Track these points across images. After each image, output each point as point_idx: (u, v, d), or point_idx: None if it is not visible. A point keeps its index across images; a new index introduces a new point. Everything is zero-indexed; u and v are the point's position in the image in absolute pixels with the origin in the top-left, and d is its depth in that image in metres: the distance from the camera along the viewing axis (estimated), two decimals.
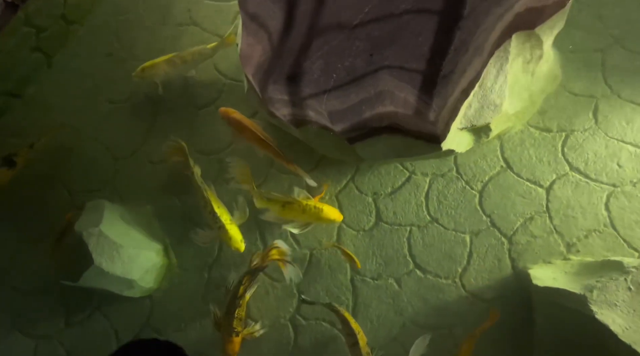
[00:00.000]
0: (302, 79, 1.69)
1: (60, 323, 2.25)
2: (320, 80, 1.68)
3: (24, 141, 2.53)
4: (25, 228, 2.38)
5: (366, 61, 1.62)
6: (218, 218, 2.09)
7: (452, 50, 1.52)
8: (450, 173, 2.32)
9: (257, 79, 1.78)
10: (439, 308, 2.16)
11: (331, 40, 1.65)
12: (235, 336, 2.03)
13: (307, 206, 2.13)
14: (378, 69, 1.61)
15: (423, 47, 1.56)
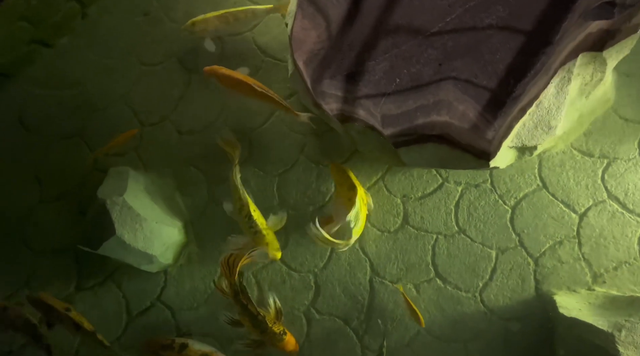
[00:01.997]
0: (362, 78, 1.61)
1: (71, 286, 2.22)
2: (381, 83, 1.60)
3: (46, 93, 2.45)
4: (46, 186, 2.32)
5: (434, 70, 1.54)
6: (254, 223, 1.98)
7: (531, 74, 1.44)
8: (484, 185, 2.27)
9: (311, 69, 1.70)
10: (455, 320, 2.13)
11: (401, 44, 1.56)
12: (283, 334, 1.97)
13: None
14: (443, 79, 1.53)
15: (498, 65, 1.47)
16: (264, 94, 2.10)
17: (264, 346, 2.02)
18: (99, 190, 2.04)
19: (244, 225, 2.01)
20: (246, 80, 2.12)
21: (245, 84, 2.11)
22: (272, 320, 1.98)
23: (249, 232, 2.00)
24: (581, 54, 1.78)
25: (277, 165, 2.38)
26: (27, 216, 2.29)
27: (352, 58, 1.63)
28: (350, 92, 1.66)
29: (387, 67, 1.59)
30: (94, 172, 2.36)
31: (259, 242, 1.99)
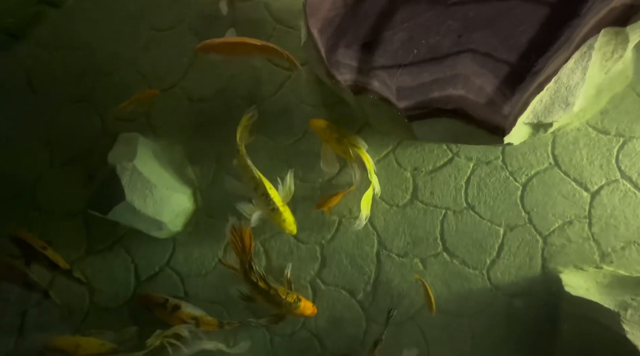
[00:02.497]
0: (378, 48, 1.57)
1: (81, 249, 2.25)
2: (398, 53, 1.56)
3: (54, 55, 2.42)
4: (56, 150, 2.32)
5: (453, 42, 1.50)
6: (272, 201, 1.98)
7: (554, 49, 1.40)
8: (496, 162, 2.24)
9: (325, 37, 1.66)
10: (461, 295, 2.15)
11: (420, 14, 1.51)
12: (298, 301, 2.02)
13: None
14: (461, 51, 1.49)
15: (520, 38, 1.43)
16: (264, 46, 2.08)
17: (284, 317, 2.07)
18: (109, 155, 2.03)
19: (261, 203, 2.01)
20: (242, 40, 2.09)
21: (243, 43, 2.08)
22: (285, 291, 2.01)
23: (266, 210, 2.01)
24: (604, 29, 1.73)
25: (287, 136, 2.36)
26: (37, 179, 2.29)
27: (369, 27, 1.59)
28: (365, 62, 1.62)
29: (404, 38, 1.55)
30: (103, 137, 2.36)
31: (276, 219, 2.01)
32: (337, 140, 2.09)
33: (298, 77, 2.40)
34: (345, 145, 2.07)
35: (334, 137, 2.10)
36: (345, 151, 2.08)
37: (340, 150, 2.11)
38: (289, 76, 2.41)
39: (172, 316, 2.04)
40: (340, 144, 2.10)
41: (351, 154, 2.08)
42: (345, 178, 2.27)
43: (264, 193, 1.99)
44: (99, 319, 2.20)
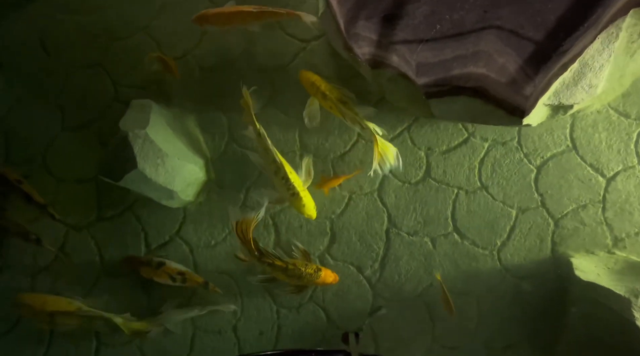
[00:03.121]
0: (400, 22, 1.53)
1: (92, 215, 2.26)
2: (419, 28, 1.51)
3: (68, 17, 2.38)
4: (68, 114, 2.31)
5: (478, 18, 1.45)
6: (292, 185, 1.95)
7: (584, 27, 1.35)
8: (511, 143, 2.21)
9: (345, 8, 1.61)
10: (469, 275, 2.15)
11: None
12: (318, 271, 2.04)
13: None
14: (486, 28, 1.45)
15: (548, 16, 1.38)
16: (260, 12, 2.05)
17: (306, 287, 2.09)
18: (121, 122, 2.01)
19: (281, 187, 1.98)
20: (237, 9, 2.05)
21: (238, 12, 2.05)
22: (303, 264, 2.02)
23: (286, 194, 1.98)
24: (632, 10, 1.67)
25: (300, 109, 2.31)
26: (50, 143, 2.29)
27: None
28: (385, 36, 1.58)
29: (427, 12, 1.50)
30: (115, 103, 2.34)
31: (296, 204, 1.98)
32: (323, 96, 2.05)
33: (313, 49, 2.35)
34: (331, 100, 2.02)
35: (321, 91, 2.05)
36: (332, 106, 2.05)
37: (326, 105, 2.07)
38: (304, 48, 2.36)
39: (158, 272, 2.07)
40: (325, 100, 2.06)
41: (339, 110, 2.04)
42: (357, 155, 2.24)
43: (284, 177, 1.96)
44: (110, 285, 2.23)
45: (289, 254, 2.14)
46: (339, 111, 2.03)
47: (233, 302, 2.20)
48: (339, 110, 2.02)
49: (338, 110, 2.03)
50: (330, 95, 2.02)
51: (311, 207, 2.00)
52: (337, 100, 2.02)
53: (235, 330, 2.21)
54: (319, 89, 2.04)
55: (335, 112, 2.06)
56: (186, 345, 2.23)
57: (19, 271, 2.28)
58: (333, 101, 2.01)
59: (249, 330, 2.20)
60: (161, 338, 2.20)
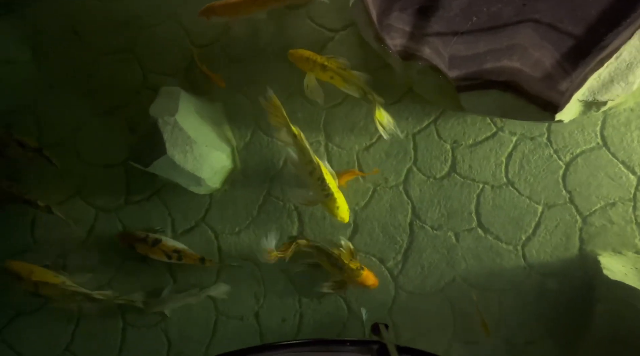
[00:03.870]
0: (435, 14, 1.51)
1: (120, 199, 2.29)
2: (455, 20, 1.50)
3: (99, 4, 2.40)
4: (98, 99, 2.34)
5: (515, 10, 1.43)
6: (327, 186, 1.93)
7: (626, 23, 1.31)
8: (540, 139, 2.17)
9: (378, 0, 1.60)
10: (492, 271, 2.14)
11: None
12: (361, 269, 2.05)
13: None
14: (522, 21, 1.42)
15: (590, 10, 1.35)
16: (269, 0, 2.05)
17: (346, 285, 2.09)
18: (151, 108, 2.04)
19: (316, 187, 1.97)
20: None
21: (243, 1, 2.05)
22: (348, 258, 2.04)
23: (320, 195, 1.97)
24: None
25: (326, 99, 2.31)
26: (80, 128, 2.32)
27: None
28: (419, 27, 1.56)
29: (464, 4, 1.48)
30: (143, 90, 2.36)
31: (329, 205, 1.97)
32: (322, 68, 2.03)
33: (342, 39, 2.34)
34: (330, 70, 2.01)
35: (318, 64, 2.03)
36: (333, 76, 2.03)
37: (327, 77, 2.05)
38: (332, 37, 2.34)
39: (154, 250, 2.11)
40: (325, 71, 2.03)
41: (339, 79, 2.03)
42: (383, 147, 2.24)
43: (319, 178, 1.94)
44: (135, 268, 2.27)
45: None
46: (340, 79, 2.01)
47: (256, 289, 2.23)
48: (341, 77, 2.00)
49: (339, 79, 2.01)
50: (329, 64, 2.01)
51: (344, 209, 2.00)
52: (337, 68, 2.01)
53: (257, 316, 2.24)
54: (316, 61, 2.03)
55: (336, 81, 2.03)
56: (209, 330, 2.26)
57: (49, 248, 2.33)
58: (334, 70, 2.00)
59: (271, 317, 2.23)
60: (184, 322, 2.25)
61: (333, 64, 2.03)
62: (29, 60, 2.34)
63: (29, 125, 2.32)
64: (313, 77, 2.07)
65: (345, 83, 2.02)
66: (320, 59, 2.04)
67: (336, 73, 2.01)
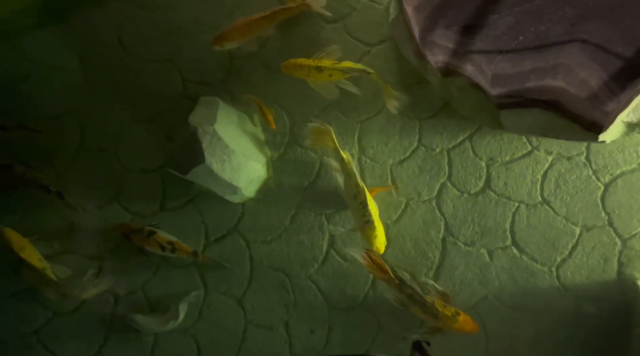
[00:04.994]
0: (480, 32, 1.52)
1: (155, 205, 2.34)
2: (501, 38, 1.50)
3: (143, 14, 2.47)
4: (138, 107, 2.40)
5: (564, 30, 1.42)
6: (368, 213, 1.91)
7: None
8: (578, 158, 2.14)
9: (422, 16, 1.61)
10: (526, 291, 2.11)
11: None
12: (457, 315, 1.94)
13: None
14: (570, 41, 1.41)
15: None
16: (276, 13, 2.10)
17: (442, 330, 2.00)
18: (190, 117, 2.08)
19: (357, 212, 1.94)
20: (250, 19, 2.09)
21: (252, 21, 2.09)
22: (441, 304, 1.96)
23: (359, 220, 1.95)
24: None
25: (360, 112, 2.34)
26: (120, 133, 2.38)
27: (473, 9, 1.53)
28: (463, 45, 1.57)
29: (511, 23, 1.48)
30: (182, 99, 2.41)
31: (367, 232, 1.93)
32: (317, 70, 2.05)
33: (378, 53, 2.36)
34: (326, 69, 2.03)
35: (313, 67, 2.05)
36: (331, 74, 2.04)
37: (326, 77, 2.06)
38: (368, 51, 2.37)
39: (149, 241, 2.15)
40: (322, 72, 2.05)
41: (339, 73, 2.05)
42: (417, 162, 2.24)
43: (362, 202, 1.92)
44: (169, 274, 2.30)
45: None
46: (339, 73, 2.03)
47: (286, 300, 2.23)
48: (340, 71, 2.03)
49: (339, 73, 2.03)
50: (323, 64, 2.03)
51: (382, 239, 1.96)
52: (332, 64, 2.03)
53: (286, 326, 2.25)
54: (310, 66, 2.04)
55: (336, 76, 2.05)
56: (238, 338, 2.28)
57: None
58: (330, 68, 2.02)
59: (300, 327, 2.23)
60: (214, 329, 2.27)
61: (327, 63, 2.05)
62: (76, 67, 2.42)
63: (73, 130, 2.39)
64: (315, 80, 2.10)
65: (346, 74, 2.05)
66: (313, 62, 2.06)
67: (333, 69, 2.03)
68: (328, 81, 2.11)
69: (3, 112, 2.41)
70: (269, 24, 2.17)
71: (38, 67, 2.44)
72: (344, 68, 2.05)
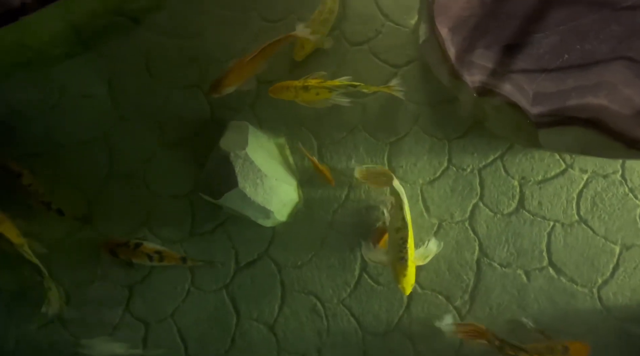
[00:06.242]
0: (522, 51, 1.51)
1: (185, 231, 2.32)
2: (544, 57, 1.49)
3: (170, 41, 2.50)
4: (166, 132, 2.40)
5: (610, 48, 1.41)
6: (406, 250, 1.87)
7: None
8: (614, 176, 2.11)
9: (460, 37, 1.61)
10: (567, 314, 2.05)
11: (581, 17, 1.43)
12: (566, 350, 1.85)
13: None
14: (615, 59, 1.40)
15: None
16: (265, 50, 2.14)
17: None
18: (221, 142, 2.08)
19: (395, 245, 1.91)
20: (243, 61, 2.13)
21: (248, 62, 2.13)
22: (547, 348, 1.88)
23: (394, 254, 1.90)
24: None
25: (389, 133, 2.33)
26: (149, 159, 2.38)
27: (514, 28, 1.53)
28: (503, 64, 1.56)
29: (556, 41, 1.48)
30: (209, 123, 2.42)
31: (398, 269, 1.89)
32: (304, 89, 2.09)
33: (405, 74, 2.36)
34: (313, 88, 2.07)
35: (299, 88, 2.09)
36: (318, 92, 2.09)
37: (313, 96, 2.11)
38: (395, 73, 2.37)
39: (136, 253, 2.16)
40: (308, 91, 2.09)
41: (325, 91, 2.09)
42: (448, 182, 2.22)
43: (403, 238, 1.89)
44: (199, 300, 2.27)
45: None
46: (326, 91, 2.08)
47: (319, 325, 2.19)
48: (326, 89, 2.08)
49: (325, 91, 2.08)
50: (310, 83, 2.08)
51: (411, 281, 1.90)
52: (318, 83, 2.08)
53: (319, 353, 2.20)
54: (297, 87, 2.10)
55: (324, 95, 2.09)
56: None
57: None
58: (316, 86, 2.07)
59: (334, 355, 2.18)
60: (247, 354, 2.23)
61: (312, 82, 2.09)
62: (105, 94, 2.44)
63: (102, 156, 2.39)
64: (305, 100, 2.13)
65: (333, 92, 2.09)
66: (298, 83, 2.10)
67: (319, 87, 2.08)
68: (317, 99, 2.15)
69: (33, 140, 2.42)
70: (261, 62, 2.20)
71: (67, 95, 2.46)
72: (329, 86, 2.10)
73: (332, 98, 2.15)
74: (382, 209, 2.11)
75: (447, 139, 2.27)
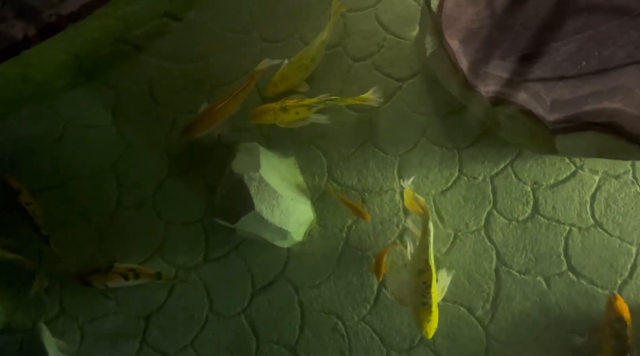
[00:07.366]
0: (540, 60, 1.52)
1: (199, 257, 2.29)
2: (562, 65, 1.51)
3: (174, 67, 2.49)
4: (175, 159, 2.39)
5: (627, 53, 1.43)
6: (430, 294, 1.81)
7: None
8: (626, 176, 2.13)
9: (472, 48, 1.62)
10: (590, 316, 2.05)
11: (598, 25, 1.45)
12: None
13: None
14: (631, 63, 1.42)
15: None
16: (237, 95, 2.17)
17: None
18: (233, 165, 2.06)
19: (417, 289, 1.85)
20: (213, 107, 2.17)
21: (216, 110, 2.16)
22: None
23: (417, 299, 1.85)
24: None
25: (398, 146, 2.33)
26: (158, 187, 2.36)
27: (529, 38, 1.54)
28: (519, 74, 1.57)
29: (573, 49, 1.49)
30: (218, 147, 2.40)
31: (422, 314, 1.83)
32: (283, 110, 2.12)
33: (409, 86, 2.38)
34: (291, 108, 2.10)
35: (277, 109, 2.12)
36: (298, 112, 2.12)
37: (292, 116, 2.13)
38: (400, 86, 2.38)
39: (110, 276, 2.13)
40: (287, 111, 2.12)
41: (304, 110, 2.12)
42: (460, 191, 2.22)
43: (426, 282, 1.83)
44: (218, 325, 2.24)
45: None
46: (305, 109, 2.11)
47: (341, 344, 2.16)
48: (304, 107, 2.11)
49: (304, 109, 2.11)
50: (288, 103, 2.11)
51: (434, 326, 1.85)
52: (296, 102, 2.11)
53: None
54: (275, 109, 2.12)
55: (303, 114, 2.12)
56: None
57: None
58: (294, 106, 2.10)
59: None
60: None
61: (290, 102, 2.11)
62: (110, 123, 2.42)
63: (110, 186, 2.37)
64: (285, 121, 2.15)
65: (311, 109, 2.12)
66: (276, 105, 2.12)
67: (297, 106, 2.11)
68: (297, 119, 2.16)
69: (40, 174, 2.39)
70: (232, 108, 2.22)
71: (72, 127, 2.44)
72: (307, 103, 2.13)
73: (310, 116, 2.16)
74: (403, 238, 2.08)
75: (457, 149, 2.28)
